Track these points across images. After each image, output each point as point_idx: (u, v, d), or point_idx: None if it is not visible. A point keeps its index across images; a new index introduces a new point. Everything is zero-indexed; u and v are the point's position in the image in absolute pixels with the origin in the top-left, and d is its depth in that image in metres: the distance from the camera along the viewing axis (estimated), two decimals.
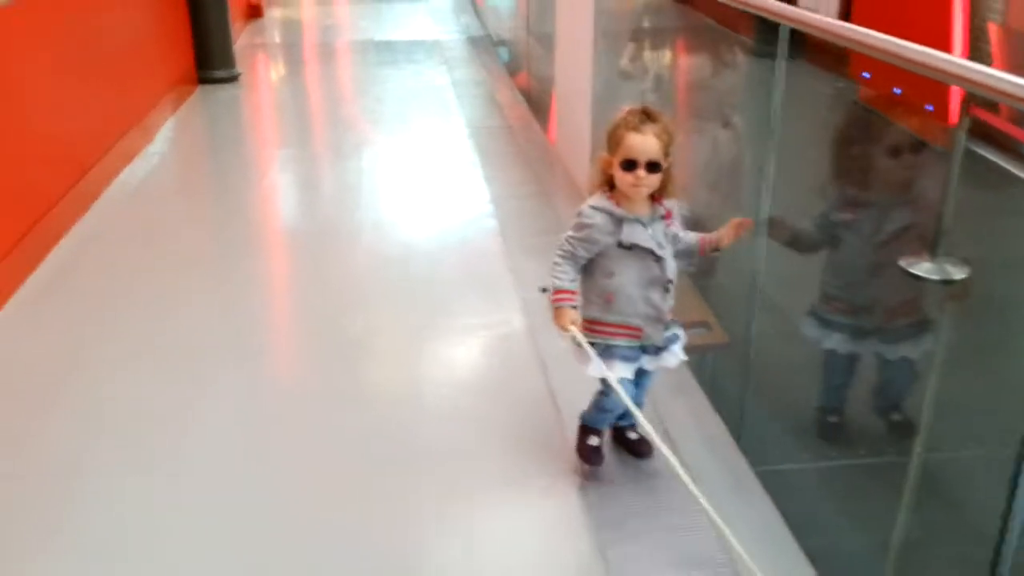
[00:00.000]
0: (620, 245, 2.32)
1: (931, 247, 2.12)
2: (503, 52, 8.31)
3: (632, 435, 2.65)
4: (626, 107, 2.35)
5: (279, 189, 5.28)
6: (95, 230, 4.40)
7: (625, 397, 2.32)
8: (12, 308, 3.61)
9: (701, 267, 3.17)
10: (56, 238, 4.16)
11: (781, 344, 3.04)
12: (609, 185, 2.34)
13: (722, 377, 3.14)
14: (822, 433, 2.89)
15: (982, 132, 2.64)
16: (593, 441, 2.56)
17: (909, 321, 2.57)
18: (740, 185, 3.43)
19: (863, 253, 2.62)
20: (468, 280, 3.90)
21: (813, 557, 2.29)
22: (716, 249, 2.43)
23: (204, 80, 7.17)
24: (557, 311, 2.33)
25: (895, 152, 2.52)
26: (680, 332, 2.49)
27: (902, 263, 2.22)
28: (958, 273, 2.09)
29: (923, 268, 2.15)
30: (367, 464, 2.70)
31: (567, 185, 4.91)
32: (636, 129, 2.25)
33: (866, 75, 3.12)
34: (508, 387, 3.06)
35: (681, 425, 2.81)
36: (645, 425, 2.34)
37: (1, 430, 2.84)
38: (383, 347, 3.40)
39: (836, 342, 2.70)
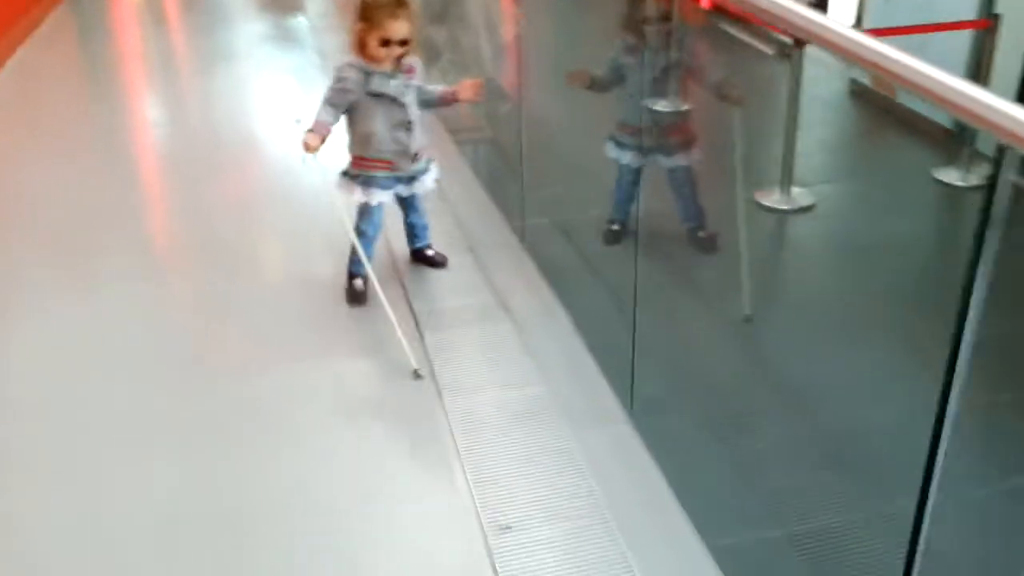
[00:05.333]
0: (369, 94, 2.87)
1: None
2: None
3: (429, 252, 3.29)
4: None
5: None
6: None
7: (348, 222, 2.93)
8: None
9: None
10: None
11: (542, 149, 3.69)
12: (362, 47, 2.85)
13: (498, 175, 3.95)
14: (606, 239, 3.45)
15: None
16: (358, 285, 3.10)
17: (678, 140, 3.22)
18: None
19: (642, 86, 3.17)
20: None
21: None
22: (454, 101, 3.03)
23: None
24: (309, 133, 2.79)
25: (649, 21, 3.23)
26: (433, 166, 3.08)
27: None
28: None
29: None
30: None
31: None
32: (394, 16, 2.79)
33: None
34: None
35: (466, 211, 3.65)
36: (359, 250, 2.91)
37: None
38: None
39: (629, 158, 3.28)
